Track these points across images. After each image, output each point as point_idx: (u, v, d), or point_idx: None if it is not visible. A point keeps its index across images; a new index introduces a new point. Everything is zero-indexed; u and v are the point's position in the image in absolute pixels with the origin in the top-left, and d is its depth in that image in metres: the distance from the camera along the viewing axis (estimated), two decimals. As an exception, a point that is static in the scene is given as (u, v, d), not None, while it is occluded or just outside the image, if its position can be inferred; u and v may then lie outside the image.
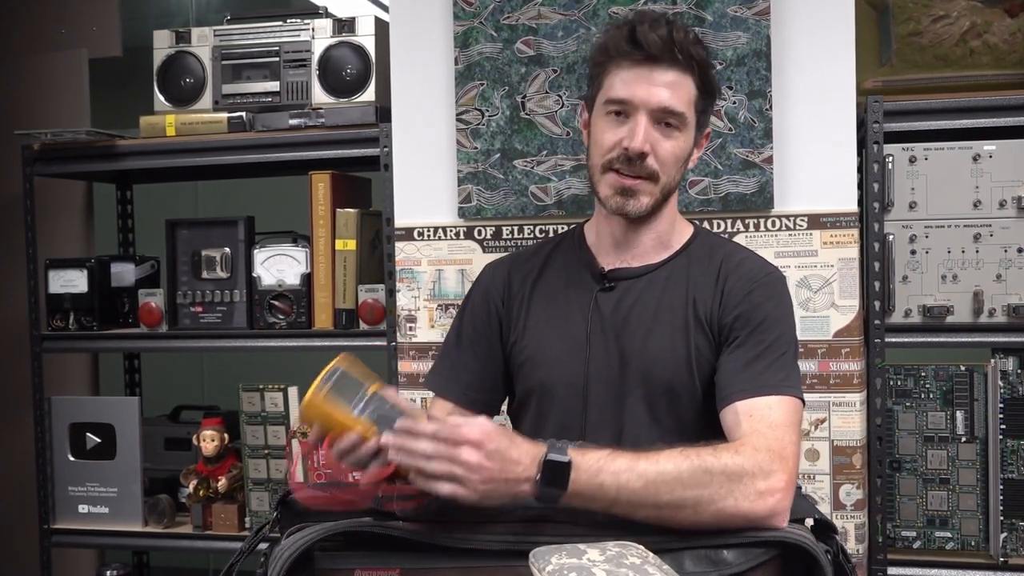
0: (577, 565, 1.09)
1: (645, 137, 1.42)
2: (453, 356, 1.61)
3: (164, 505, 2.46)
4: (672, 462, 1.21)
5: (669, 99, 1.42)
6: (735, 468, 1.22)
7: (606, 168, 1.46)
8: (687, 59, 1.42)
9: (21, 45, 2.82)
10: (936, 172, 2.01)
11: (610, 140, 1.45)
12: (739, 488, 1.21)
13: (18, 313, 2.65)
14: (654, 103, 1.42)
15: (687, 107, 1.44)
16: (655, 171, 1.44)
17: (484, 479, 1.16)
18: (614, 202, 1.46)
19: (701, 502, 1.20)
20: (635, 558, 1.12)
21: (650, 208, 1.47)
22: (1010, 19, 2.04)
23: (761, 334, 1.41)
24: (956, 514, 2.07)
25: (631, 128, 1.43)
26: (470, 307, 1.62)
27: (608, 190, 1.46)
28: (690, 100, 1.45)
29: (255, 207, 2.60)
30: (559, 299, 1.55)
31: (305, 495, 1.23)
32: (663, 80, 1.42)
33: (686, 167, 1.51)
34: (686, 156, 1.48)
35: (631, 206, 1.46)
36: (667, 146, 1.44)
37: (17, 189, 2.59)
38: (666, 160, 1.45)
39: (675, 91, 1.43)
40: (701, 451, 1.23)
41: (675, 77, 1.42)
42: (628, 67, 1.43)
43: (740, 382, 1.38)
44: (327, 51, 2.34)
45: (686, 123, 1.45)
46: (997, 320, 2.00)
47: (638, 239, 1.52)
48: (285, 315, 2.36)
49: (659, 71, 1.42)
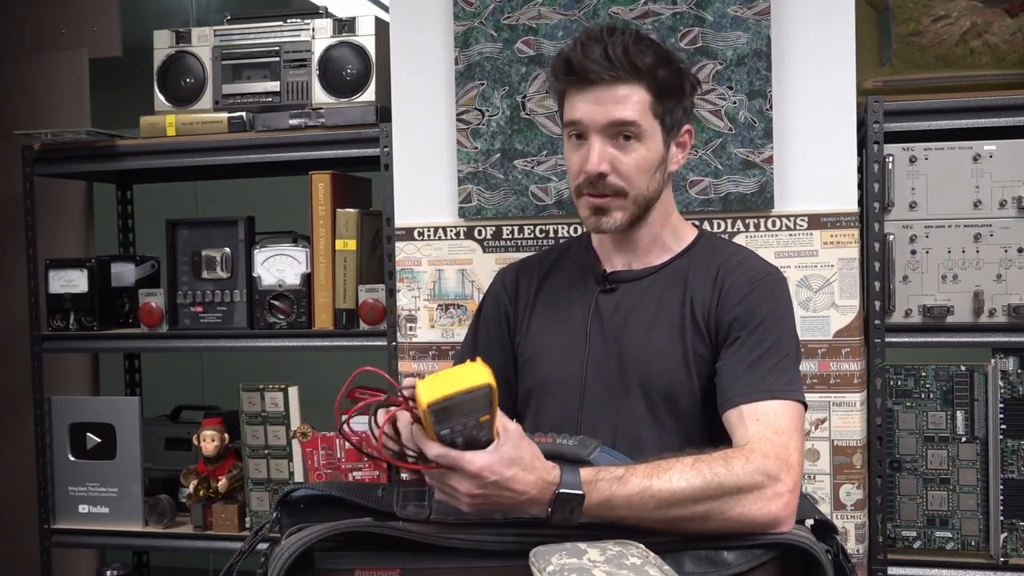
0: (577, 565, 1.09)
1: (600, 157, 1.43)
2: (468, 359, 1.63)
3: (164, 505, 2.46)
4: (685, 479, 1.21)
5: (618, 112, 1.42)
6: (747, 479, 1.23)
7: (579, 192, 1.49)
8: (629, 71, 1.42)
9: (21, 45, 2.82)
10: (936, 172, 2.01)
11: (575, 165, 1.48)
12: (748, 497, 1.22)
13: (18, 313, 2.65)
14: (603, 120, 1.43)
15: (640, 115, 1.44)
16: (620, 187, 1.45)
17: (476, 505, 1.18)
18: (591, 222, 1.50)
19: (711, 514, 1.21)
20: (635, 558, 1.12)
21: (626, 222, 1.48)
22: (1010, 19, 2.04)
23: (762, 334, 1.41)
24: (956, 514, 2.07)
25: (587, 150, 1.45)
26: (483, 312, 1.66)
27: (584, 211, 1.50)
28: (644, 108, 1.44)
29: (255, 207, 2.60)
30: (562, 300, 1.57)
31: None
32: (610, 97, 1.43)
33: (664, 172, 1.50)
34: (655, 163, 1.47)
35: (605, 224, 1.48)
36: (627, 160, 1.45)
37: (17, 189, 2.59)
38: (629, 173, 1.45)
39: (623, 103, 1.43)
40: (713, 463, 1.24)
41: (623, 91, 1.42)
42: (575, 91, 1.46)
43: (744, 385, 1.38)
44: (327, 51, 2.34)
45: (643, 131, 1.44)
46: (997, 320, 2.00)
47: (634, 243, 1.54)
48: (285, 315, 2.36)
49: (604, 90, 1.43)
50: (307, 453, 2.29)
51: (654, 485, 1.20)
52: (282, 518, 1.27)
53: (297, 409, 2.38)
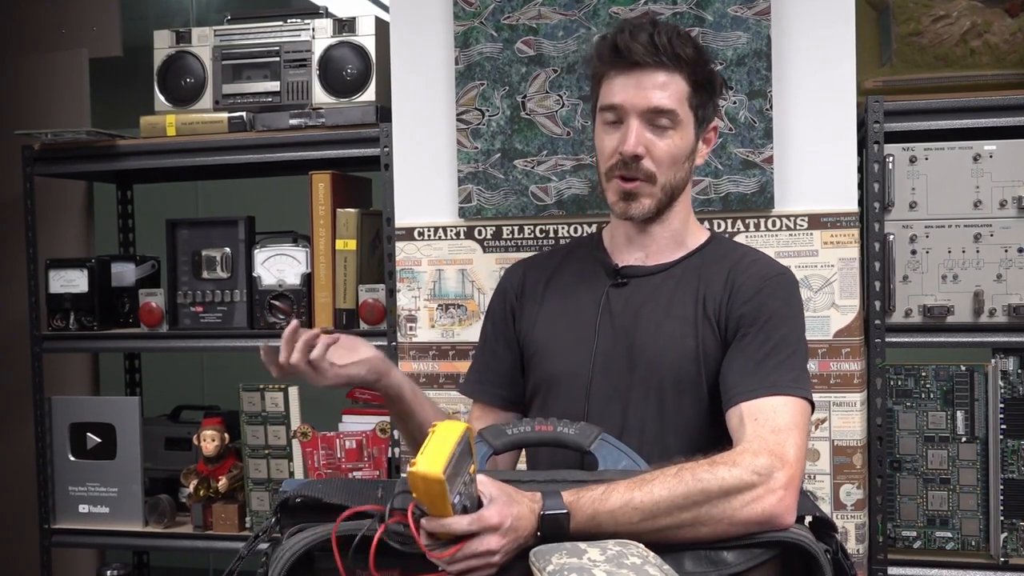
0: (577, 565, 1.09)
1: (637, 139, 1.44)
2: (479, 360, 1.66)
3: (164, 505, 2.46)
4: (667, 488, 1.21)
5: (658, 99, 1.44)
6: (732, 482, 1.22)
7: (609, 175, 1.49)
8: (673, 59, 1.44)
9: (21, 45, 2.82)
10: (936, 172, 2.01)
11: (608, 147, 1.48)
12: (738, 499, 1.22)
13: (18, 313, 2.65)
14: (643, 105, 1.44)
15: (678, 104, 1.45)
16: (652, 172, 1.46)
17: (507, 554, 1.17)
18: (619, 207, 1.50)
19: (700, 520, 1.21)
20: (635, 558, 1.12)
21: (653, 209, 1.49)
22: (1010, 19, 2.04)
23: (769, 331, 1.41)
24: (956, 514, 2.07)
25: (623, 132, 1.46)
26: (491, 310, 1.66)
27: (613, 196, 1.50)
28: (681, 97, 1.46)
29: (255, 207, 2.60)
30: (571, 294, 1.57)
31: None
32: (651, 83, 1.44)
33: (691, 164, 1.52)
34: (686, 153, 1.49)
35: (633, 209, 1.48)
36: (662, 145, 1.46)
37: (17, 189, 2.59)
38: (662, 160, 1.46)
39: (664, 90, 1.44)
40: (697, 469, 1.24)
41: (663, 78, 1.45)
42: (616, 75, 1.47)
43: (747, 382, 1.37)
44: (327, 51, 2.34)
45: (679, 121, 1.46)
46: (997, 320, 2.00)
47: (651, 238, 1.53)
48: (285, 315, 2.36)
49: (646, 75, 1.44)
50: (307, 453, 2.29)
51: (636, 498, 1.21)
52: (282, 518, 1.27)
53: (297, 409, 2.38)
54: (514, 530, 1.16)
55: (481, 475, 1.19)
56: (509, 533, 1.16)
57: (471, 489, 1.16)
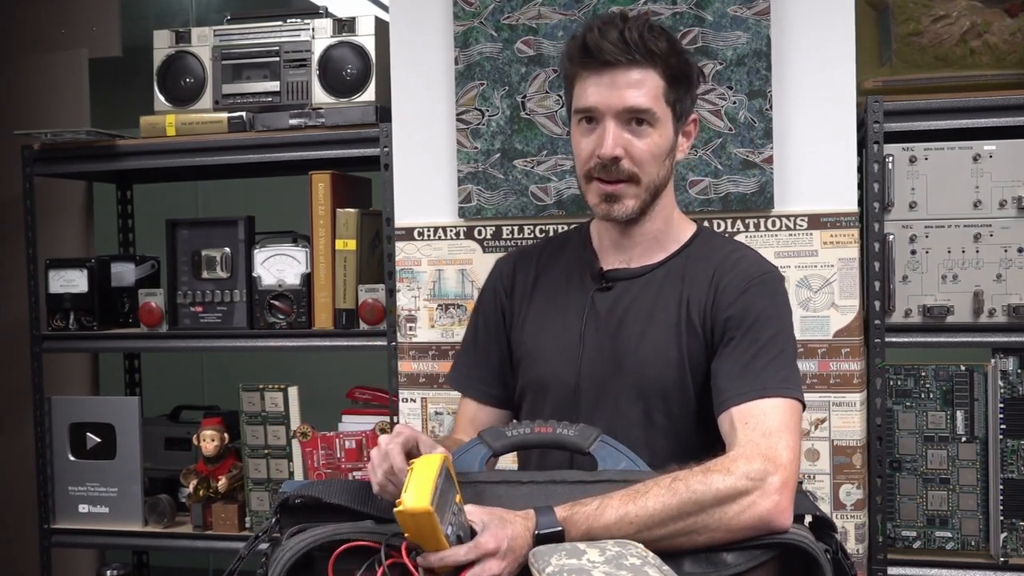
0: (577, 566, 1.09)
1: (615, 141, 1.42)
2: (470, 354, 1.64)
3: (164, 505, 2.46)
4: (660, 500, 1.21)
5: (633, 99, 1.41)
6: (726, 490, 1.22)
7: (588, 178, 1.47)
8: (646, 55, 1.41)
9: (21, 45, 2.82)
10: (936, 172, 2.01)
11: (586, 150, 1.46)
12: (733, 506, 1.22)
13: (18, 313, 2.65)
14: (618, 106, 1.42)
15: (654, 102, 1.43)
16: (633, 172, 1.44)
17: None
18: (600, 209, 1.47)
19: (696, 529, 1.22)
20: (634, 558, 1.12)
21: (637, 210, 1.47)
22: (1010, 19, 2.04)
23: (756, 333, 1.40)
24: (956, 514, 2.07)
25: (600, 135, 1.43)
26: (482, 304, 1.65)
27: (594, 198, 1.47)
28: (657, 94, 1.43)
29: (255, 207, 2.60)
30: (558, 297, 1.56)
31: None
32: (625, 81, 1.42)
33: (672, 160, 1.50)
34: (666, 150, 1.47)
35: (616, 211, 1.46)
36: (641, 145, 1.43)
37: (17, 189, 2.59)
38: (642, 159, 1.44)
39: (639, 89, 1.42)
40: (691, 479, 1.23)
41: (637, 75, 1.42)
42: (589, 75, 1.44)
43: (737, 386, 1.37)
44: (327, 51, 2.34)
45: (656, 118, 1.44)
46: (997, 320, 2.00)
47: (633, 241, 1.52)
48: (285, 315, 2.36)
49: (619, 74, 1.42)
50: (307, 453, 2.29)
51: (631, 512, 1.21)
52: (282, 519, 1.27)
53: (297, 409, 2.38)
54: (512, 551, 1.16)
55: (468, 505, 1.19)
56: (508, 555, 1.16)
57: (461, 519, 1.16)
